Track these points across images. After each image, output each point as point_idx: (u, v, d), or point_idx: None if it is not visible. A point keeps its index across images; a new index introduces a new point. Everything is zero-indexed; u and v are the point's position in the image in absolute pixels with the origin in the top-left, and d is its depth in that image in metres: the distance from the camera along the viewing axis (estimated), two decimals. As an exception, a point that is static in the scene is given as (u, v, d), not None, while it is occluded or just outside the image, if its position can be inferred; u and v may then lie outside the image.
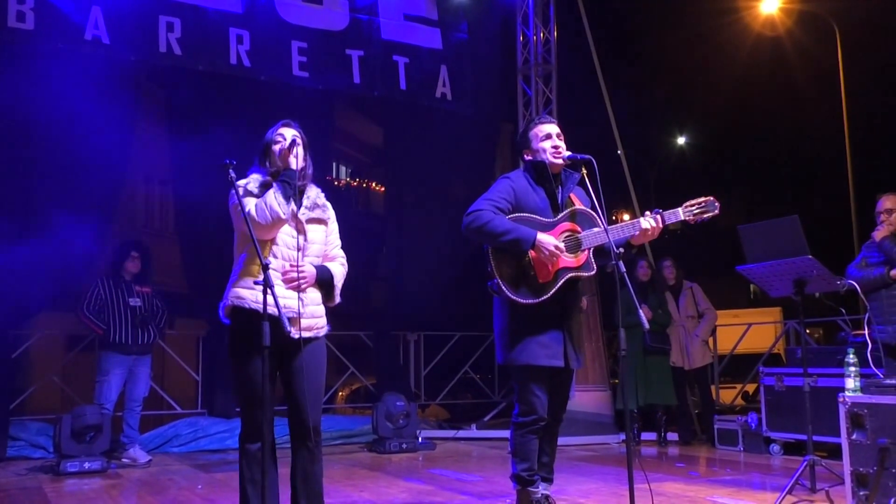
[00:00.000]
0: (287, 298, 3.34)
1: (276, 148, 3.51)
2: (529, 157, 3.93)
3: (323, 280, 3.48)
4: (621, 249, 3.60)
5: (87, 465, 6.17)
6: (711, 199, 3.77)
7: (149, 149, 9.35)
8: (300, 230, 3.47)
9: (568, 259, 3.71)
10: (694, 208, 3.76)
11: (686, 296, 7.94)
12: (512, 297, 3.67)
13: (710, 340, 8.46)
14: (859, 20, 15.72)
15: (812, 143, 20.34)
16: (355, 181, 19.27)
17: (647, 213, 3.75)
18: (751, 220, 5.36)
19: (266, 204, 3.31)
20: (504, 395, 10.03)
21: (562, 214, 3.80)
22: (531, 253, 3.68)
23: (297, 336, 3.33)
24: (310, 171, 3.58)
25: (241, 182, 3.43)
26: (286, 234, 3.42)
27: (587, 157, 3.73)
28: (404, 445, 7.29)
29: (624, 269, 3.45)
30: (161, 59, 7.60)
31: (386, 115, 9.74)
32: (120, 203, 8.03)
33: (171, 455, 7.21)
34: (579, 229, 3.78)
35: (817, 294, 5.20)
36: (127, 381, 6.75)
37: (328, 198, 3.65)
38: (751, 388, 10.60)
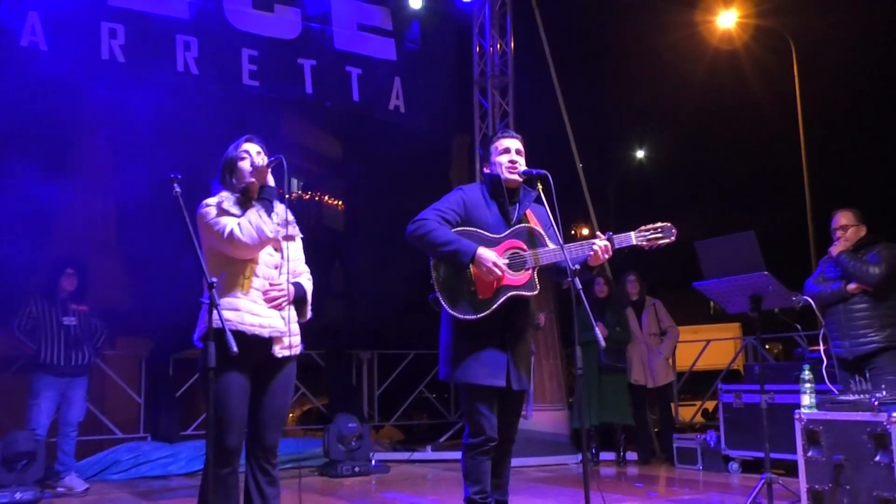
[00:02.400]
0: (271, 318, 3.38)
1: (244, 165, 3.52)
2: (487, 171, 3.97)
3: (297, 297, 3.53)
4: (577, 266, 3.63)
5: (18, 495, 6.00)
6: (668, 224, 3.77)
7: (89, 159, 9.19)
8: (278, 248, 3.51)
9: (510, 277, 3.70)
10: (648, 233, 3.77)
11: (649, 312, 7.99)
12: (450, 311, 3.68)
13: (672, 358, 8.57)
14: (815, 36, 16.20)
15: (769, 158, 20.82)
16: (307, 194, 19.16)
17: (600, 234, 3.77)
18: (709, 235, 5.46)
19: (252, 224, 3.33)
20: (461, 415, 10.04)
21: (509, 231, 3.80)
22: (472, 268, 3.68)
23: (280, 355, 3.39)
24: (274, 188, 3.59)
25: (213, 200, 3.44)
26: (266, 252, 3.45)
27: (542, 172, 3.76)
28: (357, 469, 7.26)
29: (580, 286, 3.49)
30: (103, 67, 7.50)
31: (341, 125, 9.74)
32: (57, 214, 7.88)
33: (111, 483, 7.06)
34: (526, 248, 3.77)
35: (776, 309, 5.32)
36: (60, 405, 6.60)
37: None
38: (710, 405, 10.76)
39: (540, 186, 3.77)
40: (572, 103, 9.83)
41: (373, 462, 7.51)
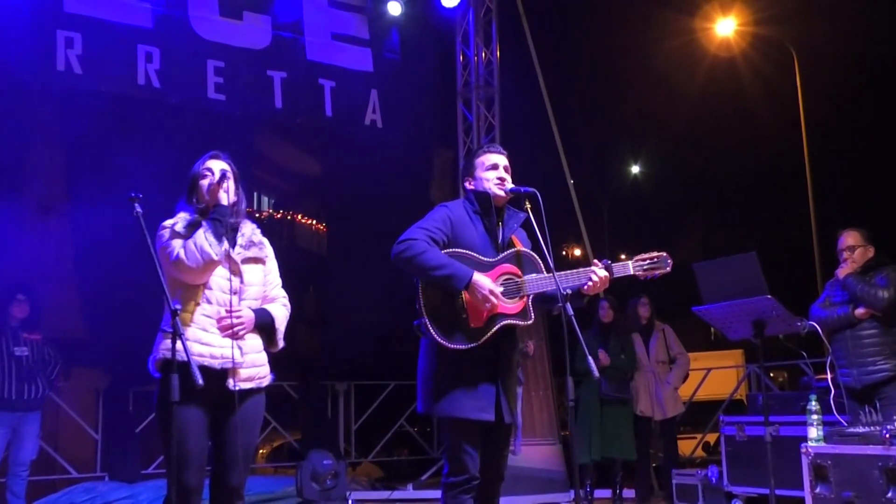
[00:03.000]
0: (223, 347, 3.35)
1: (205, 183, 3.51)
2: (471, 187, 3.95)
3: (263, 324, 3.51)
4: (568, 290, 3.64)
5: (-36, 540, 5.92)
6: (664, 254, 3.86)
7: (42, 177, 9.14)
8: (235, 272, 3.48)
9: (505, 305, 3.69)
10: (645, 263, 3.84)
11: (658, 338, 7.90)
12: (439, 339, 3.64)
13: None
14: (817, 44, 16.42)
15: (772, 174, 21.01)
16: (279, 213, 19.15)
17: (597, 261, 3.81)
18: (708, 256, 5.49)
19: (196, 245, 3.31)
20: (443, 451, 10.02)
21: (503, 255, 3.78)
22: (465, 294, 3.65)
23: (237, 388, 3.36)
24: (243, 207, 3.60)
25: (168, 222, 3.44)
26: (220, 276, 3.43)
27: (531, 189, 3.76)
28: (332, 509, 7.21)
29: (571, 312, 3.50)
30: (59, 79, 7.48)
31: (314, 141, 9.76)
32: (5, 237, 7.82)
33: (65, 526, 6.97)
34: (521, 273, 3.76)
35: (781, 336, 5.34)
36: (11, 443, 6.51)
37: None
38: (712, 438, 10.77)
39: (528, 205, 3.78)
40: (563, 116, 9.90)
41: (349, 502, 7.46)
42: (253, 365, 3.45)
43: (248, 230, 3.59)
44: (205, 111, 8.13)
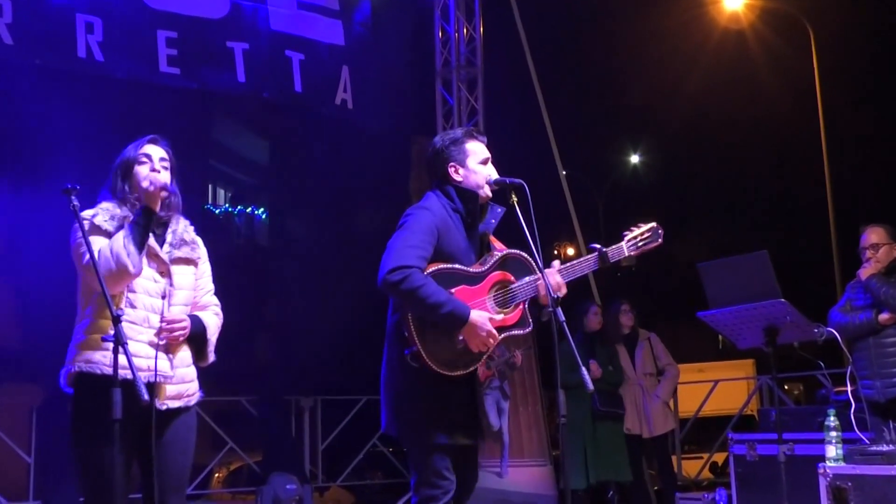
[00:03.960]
0: (150, 359, 3.30)
1: (141, 171, 3.45)
2: (459, 178, 3.89)
3: (195, 334, 3.46)
4: (559, 294, 3.65)
5: None
6: (654, 225, 3.94)
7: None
8: (165, 273, 3.43)
9: (498, 318, 3.74)
10: (638, 240, 3.91)
11: (643, 348, 7.96)
12: (438, 370, 3.64)
13: (672, 402, 8.59)
14: (835, 21, 16.51)
15: (786, 163, 21.13)
16: (237, 207, 19.06)
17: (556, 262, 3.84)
18: (715, 255, 5.51)
19: (112, 252, 3.25)
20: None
21: (491, 262, 3.81)
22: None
23: (163, 407, 3.32)
24: (176, 200, 3.54)
25: (88, 213, 3.37)
26: (147, 278, 3.38)
27: (518, 181, 3.77)
28: (296, 539, 7.18)
29: (563, 318, 3.50)
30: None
31: (278, 125, 9.70)
32: None
33: (-6, 560, 6.92)
34: (512, 278, 3.81)
35: (795, 343, 5.36)
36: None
37: (203, 228, 3.62)
38: (720, 457, 10.81)
39: (514, 199, 3.76)
40: (554, 99, 9.91)
41: (316, 531, 7.44)
42: (182, 381, 3.41)
43: (181, 227, 3.55)
44: (156, 87, 8.04)
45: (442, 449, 3.72)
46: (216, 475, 12.14)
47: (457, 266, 3.75)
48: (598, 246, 3.83)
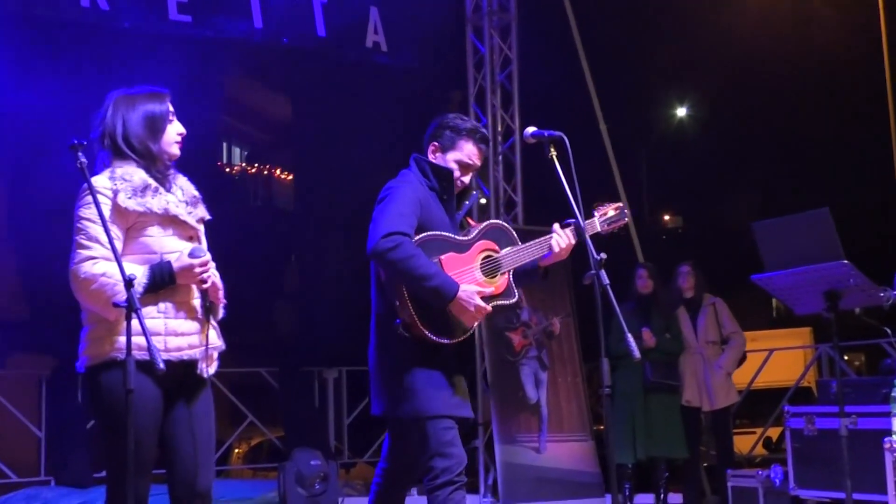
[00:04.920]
0: (192, 335, 3.36)
1: (171, 131, 3.44)
2: (434, 160, 4.13)
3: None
4: (603, 255, 3.65)
5: None
6: (620, 205, 4.23)
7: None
8: (194, 237, 3.46)
9: (487, 288, 3.94)
10: (608, 217, 4.17)
11: (707, 314, 7.85)
12: (431, 336, 3.82)
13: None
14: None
15: (846, 115, 20.82)
16: (253, 167, 19.11)
17: (557, 225, 4.05)
18: (769, 214, 5.46)
19: (108, 288, 3.20)
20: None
21: (478, 230, 4.05)
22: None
23: (207, 374, 3.42)
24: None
25: (103, 183, 3.31)
26: (178, 247, 3.37)
27: (557, 133, 3.84)
28: (322, 519, 7.26)
29: (607, 282, 3.51)
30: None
31: (296, 76, 9.63)
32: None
33: (4, 540, 7.06)
34: (497, 248, 4.03)
35: (857, 310, 5.32)
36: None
37: (215, 189, 3.62)
38: (774, 432, 10.79)
39: (553, 152, 3.84)
40: (593, 47, 9.80)
41: (342, 510, 7.51)
42: (213, 345, 3.47)
43: (185, 183, 3.55)
44: (166, 37, 8.00)
45: (444, 418, 3.90)
46: (236, 451, 12.31)
47: (445, 234, 3.96)
48: (573, 220, 3.96)
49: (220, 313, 3.56)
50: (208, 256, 3.36)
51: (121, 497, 3.22)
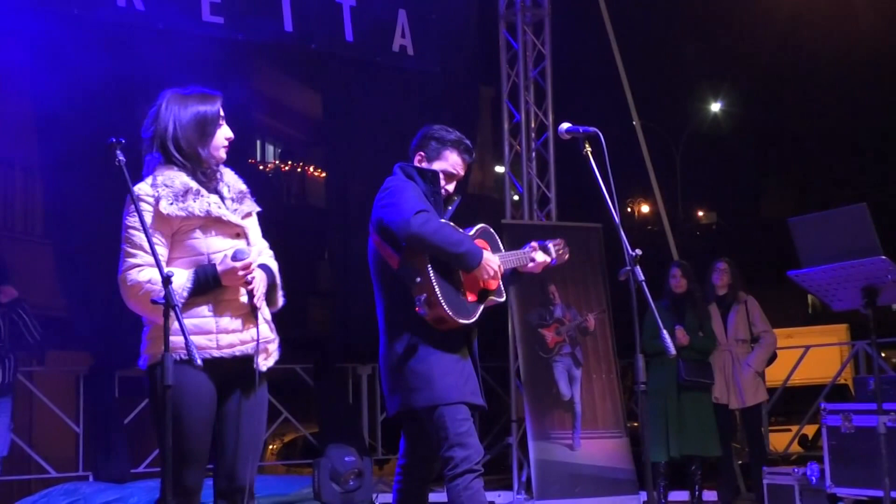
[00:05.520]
0: (247, 330, 3.42)
1: (220, 136, 3.47)
2: (422, 164, 4.30)
3: (268, 284, 3.53)
4: (638, 251, 3.66)
5: (-72, 549, 6.07)
6: (561, 241, 4.54)
7: (6, 118, 9.20)
8: (240, 234, 3.48)
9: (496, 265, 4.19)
10: (559, 247, 4.52)
11: (738, 312, 7.81)
12: (451, 314, 3.97)
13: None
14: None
15: (886, 109, 20.58)
16: (287, 164, 19.20)
17: (534, 243, 4.43)
18: (805, 210, 5.43)
19: (144, 289, 3.28)
20: (489, 443, 10.03)
21: (475, 231, 4.29)
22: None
23: (265, 368, 3.48)
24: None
25: (148, 189, 3.34)
26: (226, 242, 3.41)
27: (592, 129, 3.86)
28: (356, 514, 7.30)
29: (642, 278, 3.51)
30: (21, 2, 7.48)
31: (326, 74, 9.65)
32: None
33: (43, 534, 7.11)
34: (490, 250, 4.24)
35: (895, 306, 5.28)
36: (-23, 437, 6.66)
37: (251, 185, 3.65)
38: (810, 430, 10.70)
39: (588, 148, 3.85)
40: (628, 42, 9.76)
41: (376, 506, 7.54)
42: (266, 338, 3.49)
43: (232, 178, 3.58)
44: (199, 38, 8.05)
45: (460, 405, 4.03)
46: (270, 447, 12.39)
47: (451, 224, 4.15)
48: (542, 241, 4.44)
49: (279, 302, 3.61)
50: (252, 258, 3.39)
51: (170, 488, 3.26)
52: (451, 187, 4.33)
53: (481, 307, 4.17)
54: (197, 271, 3.32)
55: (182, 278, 3.27)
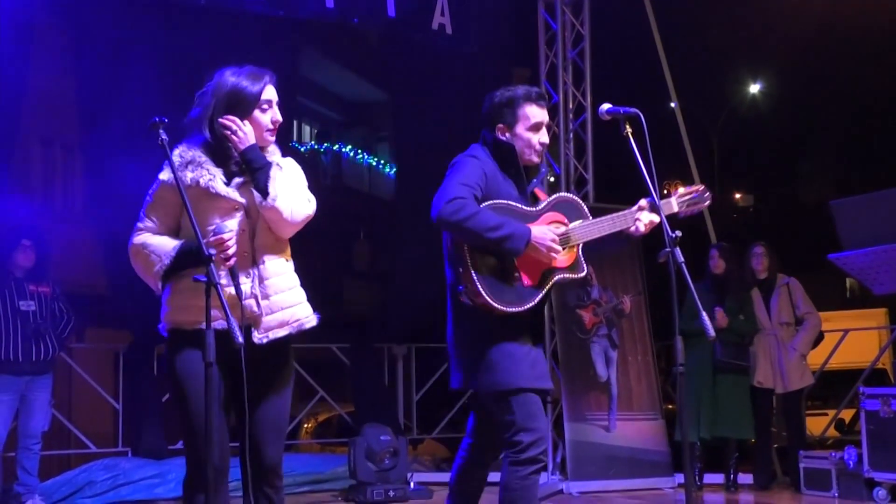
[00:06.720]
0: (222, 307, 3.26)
1: (261, 120, 3.43)
2: (504, 137, 4.07)
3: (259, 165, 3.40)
4: (678, 233, 3.63)
5: (-31, 522, 6.17)
6: (703, 187, 4.15)
7: (46, 98, 9.26)
8: (240, 208, 3.41)
9: (558, 257, 3.92)
10: (687, 198, 4.11)
11: (781, 295, 7.78)
12: (495, 304, 3.78)
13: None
14: None
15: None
16: (323, 145, 19.25)
17: (643, 200, 3.99)
18: (845, 194, 5.37)
19: (145, 254, 3.35)
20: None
21: (547, 202, 4.02)
22: None
23: (264, 340, 3.37)
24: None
25: (176, 153, 3.34)
26: (216, 218, 3.37)
27: (632, 110, 3.84)
28: (392, 493, 7.31)
29: (682, 259, 3.49)
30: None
31: (363, 54, 9.63)
32: (6, 174, 7.96)
33: (84, 508, 7.21)
34: (566, 221, 4.00)
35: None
36: (20, 412, 6.73)
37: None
38: (848, 414, 10.63)
39: (629, 129, 3.84)
40: (666, 23, 9.67)
41: (411, 485, 7.56)
42: (280, 307, 3.41)
43: (277, 157, 3.54)
44: (239, 15, 8.02)
45: (527, 392, 3.89)
46: (305, 426, 12.46)
47: (512, 203, 3.92)
48: (651, 198, 3.92)
49: (272, 192, 3.36)
50: (228, 234, 3.28)
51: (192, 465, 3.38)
52: (544, 138, 4.07)
53: (542, 290, 3.91)
54: (180, 247, 3.35)
55: (168, 247, 3.34)
